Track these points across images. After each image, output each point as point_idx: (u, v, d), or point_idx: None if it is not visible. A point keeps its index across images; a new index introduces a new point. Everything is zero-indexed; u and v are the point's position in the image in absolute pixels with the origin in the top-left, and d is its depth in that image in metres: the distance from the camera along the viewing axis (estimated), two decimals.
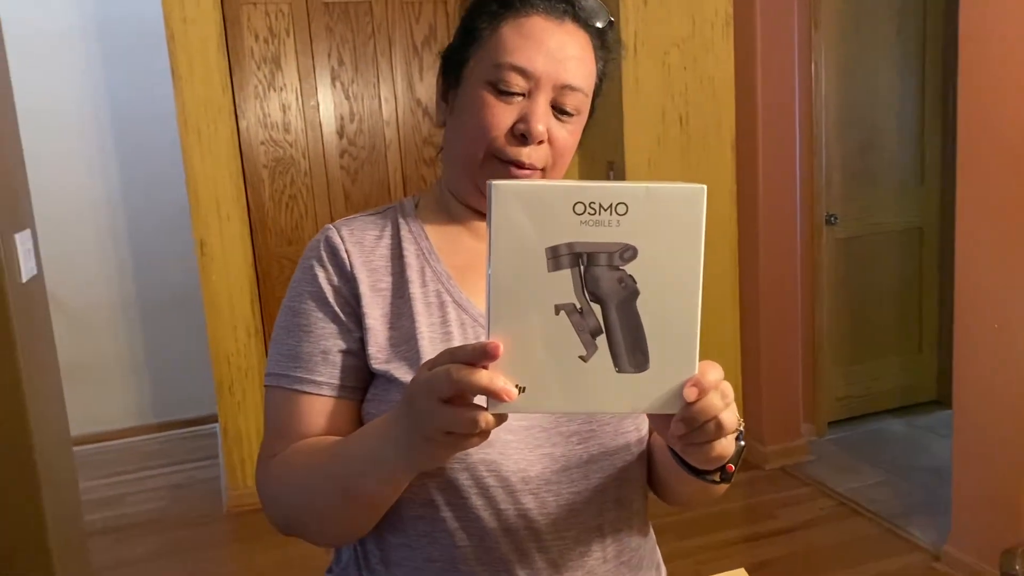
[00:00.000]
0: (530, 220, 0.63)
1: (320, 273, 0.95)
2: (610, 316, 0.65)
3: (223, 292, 3.30)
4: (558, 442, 0.91)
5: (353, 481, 0.81)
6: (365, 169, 3.44)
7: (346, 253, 0.95)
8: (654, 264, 0.64)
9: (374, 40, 3.37)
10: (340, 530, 0.88)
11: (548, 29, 0.89)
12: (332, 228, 0.98)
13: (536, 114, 0.89)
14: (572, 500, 0.92)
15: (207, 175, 3.22)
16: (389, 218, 1.01)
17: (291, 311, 0.95)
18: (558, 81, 0.89)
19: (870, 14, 3.61)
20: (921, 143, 3.81)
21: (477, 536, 0.89)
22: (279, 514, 0.91)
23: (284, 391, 0.93)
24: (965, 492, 2.61)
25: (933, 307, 3.95)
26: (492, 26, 0.90)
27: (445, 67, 0.97)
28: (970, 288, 2.51)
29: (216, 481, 3.73)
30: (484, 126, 0.89)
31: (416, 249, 0.97)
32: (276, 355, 0.95)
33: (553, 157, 0.92)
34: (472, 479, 0.88)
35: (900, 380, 3.94)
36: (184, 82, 3.16)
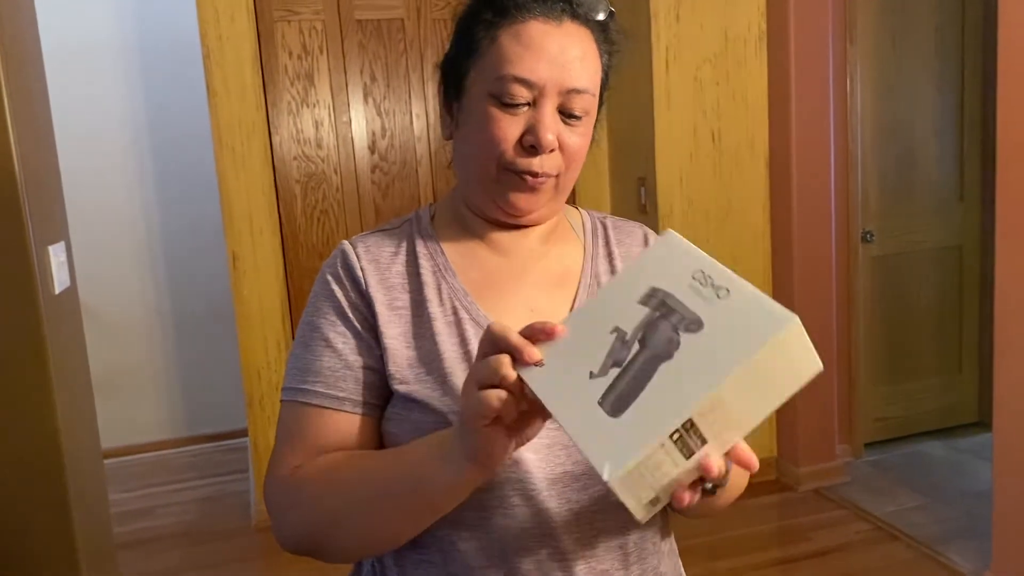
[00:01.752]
0: (658, 263, 0.72)
1: (337, 289, 0.94)
2: (636, 360, 0.67)
3: (255, 306, 3.32)
4: (579, 460, 0.89)
5: (401, 500, 0.81)
6: (396, 185, 3.45)
7: (361, 271, 0.94)
8: (704, 350, 0.65)
9: (406, 57, 3.39)
10: (366, 549, 0.88)
11: (548, 33, 0.87)
12: (348, 245, 0.97)
13: (543, 124, 0.86)
14: (594, 519, 0.90)
15: (240, 190, 3.25)
16: (404, 233, 0.99)
17: (310, 326, 0.94)
18: (563, 86, 0.87)
19: (907, 30, 3.56)
20: (960, 160, 3.75)
21: (499, 555, 0.88)
22: (292, 532, 0.88)
23: (302, 405, 0.91)
24: (1006, 516, 2.53)
25: (974, 327, 3.86)
26: (490, 35, 0.88)
27: (445, 78, 0.96)
28: (1010, 307, 2.45)
29: (245, 495, 3.74)
30: (492, 141, 0.87)
31: (432, 266, 0.96)
32: (294, 369, 0.94)
33: (566, 162, 0.90)
34: (497, 498, 0.87)
35: (940, 401, 3.85)
36: (219, 98, 3.19)
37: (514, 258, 0.97)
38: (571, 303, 0.97)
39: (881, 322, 3.70)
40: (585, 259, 1.01)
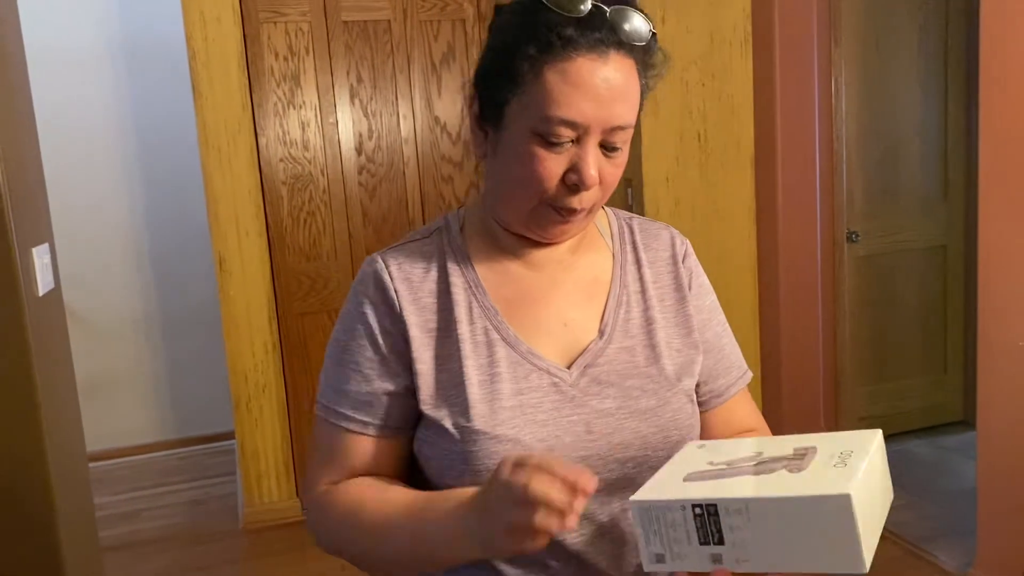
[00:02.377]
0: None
1: (369, 311, 0.94)
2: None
3: (241, 308, 3.32)
4: (614, 468, 0.91)
5: (425, 559, 0.86)
6: (383, 186, 3.45)
7: (395, 292, 0.94)
8: (778, 481, 0.71)
9: (393, 58, 3.39)
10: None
11: (594, 71, 0.84)
12: (380, 262, 0.97)
13: (587, 162, 0.86)
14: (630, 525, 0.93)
15: (227, 191, 3.25)
16: (435, 245, 0.99)
17: (341, 346, 0.96)
18: (607, 125, 0.86)
19: (891, 31, 3.58)
20: (944, 160, 3.77)
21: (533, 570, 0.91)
22: (332, 545, 0.95)
23: (331, 425, 0.95)
24: (990, 514, 2.55)
25: (959, 326, 3.89)
26: (534, 70, 0.85)
27: (482, 99, 0.92)
28: (993, 306, 2.47)
29: (232, 498, 3.73)
30: (536, 178, 0.87)
31: (463, 283, 0.96)
32: (326, 386, 0.97)
33: (603, 192, 0.91)
34: None
35: (925, 400, 3.87)
36: (205, 100, 3.19)
37: (544, 271, 0.97)
38: (600, 314, 0.98)
39: (866, 322, 3.72)
40: (615, 266, 1.01)
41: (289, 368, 3.41)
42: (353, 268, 3.44)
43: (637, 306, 0.99)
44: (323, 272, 3.41)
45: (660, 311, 1.00)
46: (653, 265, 1.03)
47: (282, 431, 3.42)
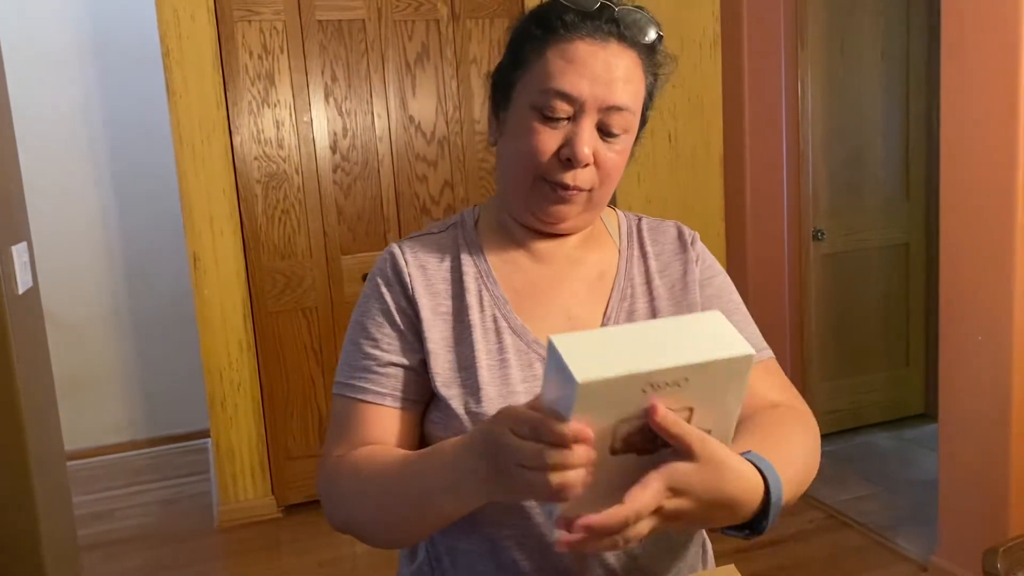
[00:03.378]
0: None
1: (386, 291, 0.99)
2: None
3: (216, 306, 3.32)
4: None
5: (429, 506, 0.84)
6: (358, 184, 3.47)
7: (409, 277, 0.98)
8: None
9: (367, 57, 3.41)
10: (405, 539, 0.93)
11: (593, 52, 0.89)
12: (397, 249, 1.01)
13: (580, 138, 0.89)
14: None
15: (201, 190, 3.25)
16: (450, 238, 1.04)
17: (360, 325, 0.99)
18: (603, 103, 0.89)
19: (855, 35, 3.67)
20: (906, 159, 3.87)
21: (538, 549, 0.94)
22: (339, 516, 0.94)
23: (349, 399, 0.97)
24: (951, 503, 2.64)
25: (920, 321, 4.00)
26: (537, 51, 0.92)
27: (495, 87, 0.99)
28: (954, 303, 2.55)
29: (207, 496, 3.73)
30: (531, 151, 0.91)
31: (475, 272, 1.00)
32: (344, 365, 0.99)
33: (600, 178, 0.93)
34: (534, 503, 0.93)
35: (887, 394, 3.97)
36: (179, 98, 3.18)
37: (553, 265, 1.01)
38: (604, 307, 1.01)
39: (832, 318, 3.81)
40: (620, 261, 1.05)
41: (264, 366, 3.42)
42: (328, 266, 3.45)
43: (643, 297, 1.03)
44: (298, 271, 3.42)
45: (668, 300, 1.03)
46: (660, 256, 1.06)
47: (257, 429, 3.43)
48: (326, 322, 3.49)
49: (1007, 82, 2.28)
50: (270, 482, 3.47)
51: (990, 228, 2.40)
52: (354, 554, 3.20)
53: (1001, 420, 2.42)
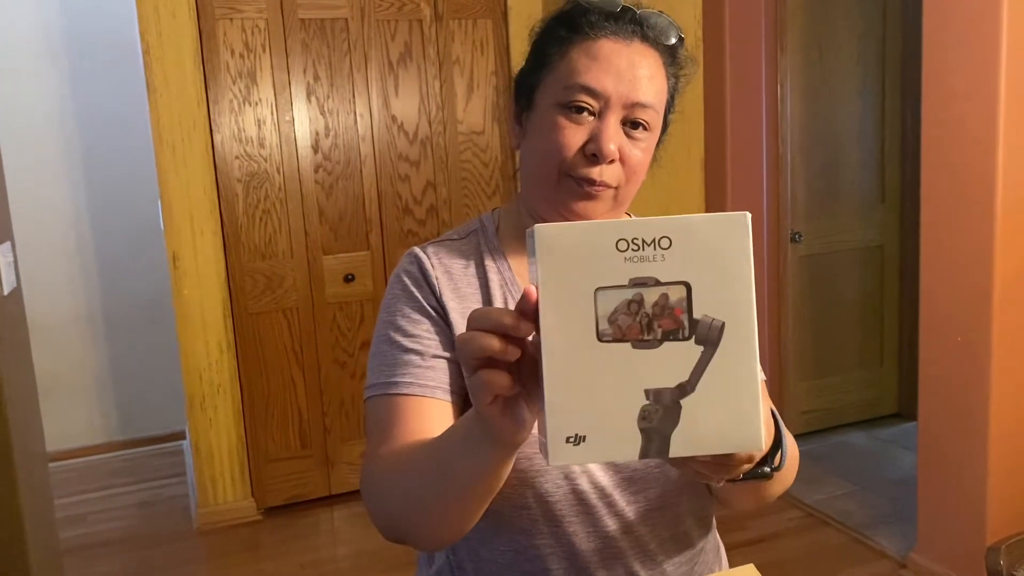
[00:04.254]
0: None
1: (416, 291, 0.97)
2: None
3: (195, 307, 3.28)
4: (637, 466, 0.96)
5: (450, 468, 0.78)
6: (340, 184, 3.45)
7: (436, 280, 0.97)
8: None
9: (350, 57, 3.39)
10: (442, 524, 0.83)
11: (617, 50, 0.90)
12: (421, 252, 1.00)
13: (606, 133, 0.89)
14: (648, 516, 0.96)
15: (181, 189, 3.21)
16: (472, 245, 1.02)
17: (391, 325, 0.96)
18: (628, 99, 0.90)
19: (832, 40, 3.72)
20: (882, 163, 3.94)
21: (566, 556, 0.94)
22: (383, 513, 0.88)
23: (392, 397, 0.92)
24: (930, 502, 2.69)
25: (894, 322, 4.06)
26: (561, 51, 0.92)
27: (518, 91, 0.99)
28: (933, 304, 2.60)
29: (184, 499, 3.68)
30: (556, 147, 0.90)
31: (500, 279, 0.99)
32: (381, 367, 0.95)
33: (626, 175, 0.92)
34: (562, 504, 0.93)
35: (863, 394, 4.04)
36: (159, 95, 3.15)
37: None
38: None
39: (809, 319, 3.86)
40: None
41: (244, 368, 3.39)
42: (309, 267, 3.43)
43: None
44: (279, 271, 3.40)
45: None
46: None
47: (236, 431, 3.39)
48: (307, 323, 3.46)
49: (987, 86, 2.33)
50: (250, 484, 3.44)
51: (969, 230, 2.45)
52: (335, 556, 3.18)
53: (979, 419, 2.47)
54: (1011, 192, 2.35)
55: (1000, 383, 2.43)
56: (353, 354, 3.55)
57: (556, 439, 0.60)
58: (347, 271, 3.48)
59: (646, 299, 0.60)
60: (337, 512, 3.48)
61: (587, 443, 0.60)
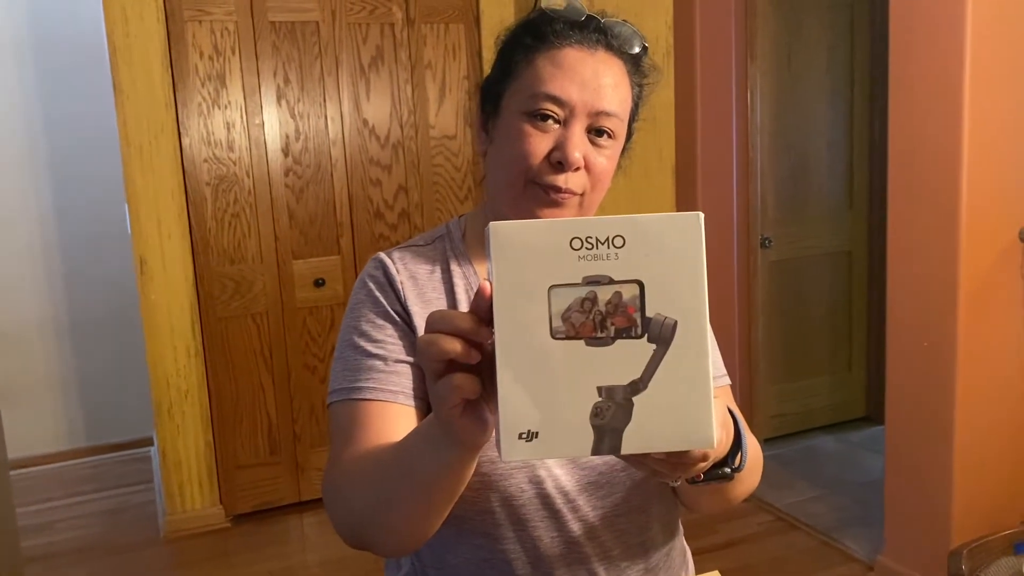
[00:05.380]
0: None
1: (380, 295, 0.97)
2: None
3: (163, 312, 3.24)
4: (603, 471, 0.96)
5: (414, 467, 0.77)
6: (310, 188, 3.42)
7: (400, 284, 0.97)
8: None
9: (321, 60, 3.37)
10: (406, 527, 0.82)
11: (582, 59, 0.91)
12: (386, 257, 1.00)
13: (571, 141, 0.90)
14: (615, 522, 0.97)
15: (148, 192, 3.17)
16: (438, 251, 1.03)
17: (355, 330, 0.96)
18: (593, 108, 0.90)
19: (802, 49, 3.76)
20: (849, 170, 3.98)
21: (532, 561, 0.94)
22: (346, 518, 0.86)
23: (356, 402, 0.92)
24: (897, 505, 2.72)
25: (862, 327, 4.11)
26: (527, 59, 0.93)
27: (484, 98, 1.00)
28: (900, 309, 2.63)
29: (151, 506, 3.63)
30: (522, 155, 0.91)
31: (465, 284, 0.99)
32: (344, 372, 0.95)
33: (591, 183, 0.93)
34: (529, 510, 0.93)
35: (831, 398, 4.07)
36: (126, 98, 3.11)
37: None
38: None
39: (779, 324, 3.89)
40: None
41: (212, 373, 3.35)
42: (279, 271, 3.40)
43: None
44: (248, 275, 3.36)
45: None
46: None
47: (205, 437, 3.35)
48: (277, 328, 3.43)
49: (952, 95, 2.36)
50: (218, 491, 3.40)
51: (934, 237, 2.48)
52: (305, 563, 3.15)
53: (945, 424, 2.50)
54: (975, 199, 2.39)
55: (965, 388, 2.46)
56: (323, 359, 3.52)
57: (509, 435, 0.60)
58: (317, 275, 3.46)
59: (599, 297, 0.61)
60: (307, 519, 3.45)
61: (540, 439, 0.61)
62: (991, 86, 2.35)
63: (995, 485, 2.55)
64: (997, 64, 2.36)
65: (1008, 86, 2.38)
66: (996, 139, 2.39)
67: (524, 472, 0.93)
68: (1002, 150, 2.40)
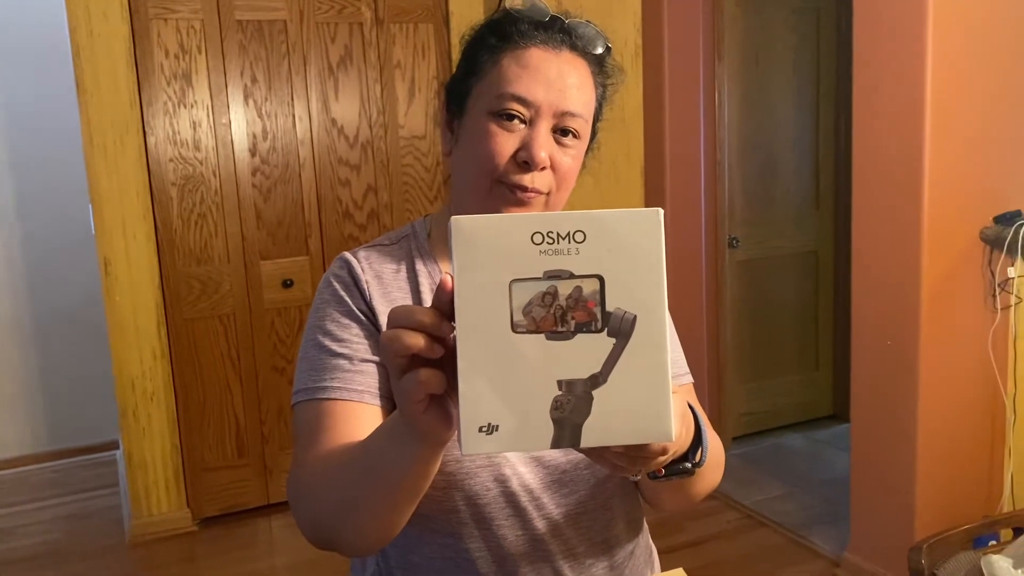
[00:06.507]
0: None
1: (345, 295, 0.97)
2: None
3: (128, 313, 3.20)
4: (566, 468, 0.97)
5: (380, 463, 0.77)
6: (278, 188, 3.40)
7: (366, 283, 0.97)
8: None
9: (288, 59, 3.35)
10: (372, 526, 0.82)
11: (547, 59, 0.92)
12: (351, 256, 1.00)
13: (537, 141, 0.90)
14: (580, 520, 0.98)
15: (113, 192, 3.13)
16: (404, 250, 1.02)
17: (319, 329, 0.96)
18: (558, 108, 0.91)
19: (769, 49, 3.80)
20: (816, 171, 4.02)
21: (498, 560, 0.95)
22: (311, 518, 0.86)
23: (320, 402, 0.91)
24: (862, 502, 2.75)
25: (828, 326, 4.15)
26: (493, 59, 0.93)
27: (448, 98, 1.00)
28: (864, 307, 2.67)
29: (116, 510, 3.58)
30: (489, 154, 0.91)
31: (431, 283, 0.99)
32: (308, 371, 0.94)
33: (557, 182, 0.94)
34: (494, 508, 0.94)
35: (799, 396, 4.12)
36: (90, 96, 3.06)
37: None
38: None
39: (746, 323, 3.93)
40: None
41: (179, 375, 3.31)
42: (247, 272, 3.37)
43: None
44: (215, 276, 3.33)
45: None
46: None
47: (171, 440, 3.31)
48: (244, 329, 3.40)
49: (914, 96, 2.40)
50: (185, 494, 3.36)
51: (898, 237, 2.51)
52: (273, 567, 3.13)
53: (908, 421, 2.54)
54: (937, 200, 2.42)
55: (928, 385, 2.50)
56: (292, 360, 3.49)
57: (469, 428, 0.61)
58: (285, 276, 3.43)
59: (560, 291, 0.61)
60: (275, 521, 3.43)
61: (500, 432, 0.61)
62: (953, 87, 2.39)
63: (957, 480, 2.59)
64: (959, 67, 2.39)
65: (969, 88, 2.42)
66: (957, 140, 2.43)
67: (489, 470, 0.93)
68: (963, 151, 2.44)
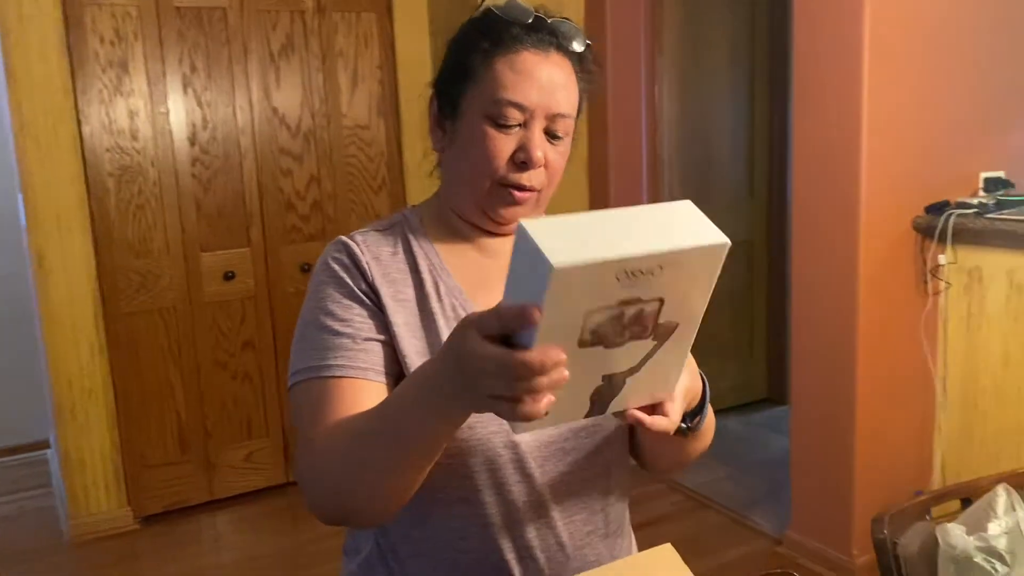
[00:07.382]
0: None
1: (345, 276, 0.98)
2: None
3: (63, 308, 3.11)
4: (567, 435, 1.01)
5: (405, 429, 0.80)
6: (219, 178, 3.33)
7: (367, 264, 0.99)
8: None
9: (228, 47, 3.28)
10: (388, 491, 0.85)
11: (538, 63, 0.96)
12: (349, 240, 1.01)
13: (534, 143, 0.96)
14: (571, 476, 1.01)
15: (46, 183, 3.03)
16: (398, 234, 1.05)
17: (321, 310, 0.97)
18: (550, 111, 0.96)
19: (707, 42, 3.88)
20: (751, 161, 4.13)
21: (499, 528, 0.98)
22: (325, 490, 0.88)
23: (323, 380, 0.93)
24: (803, 482, 2.85)
25: (763, 314, 4.28)
26: (486, 63, 0.97)
27: (440, 97, 1.03)
28: (803, 295, 2.76)
29: (52, 511, 3.48)
30: (488, 157, 0.96)
31: (428, 265, 1.02)
32: (309, 351, 0.95)
33: (548, 178, 1.00)
34: (496, 476, 0.96)
35: (735, 380, 4.23)
36: (20, 84, 2.96)
37: (500, 259, 1.05)
38: None
39: None
40: None
41: (118, 371, 3.23)
42: (187, 264, 3.30)
43: None
44: (154, 269, 3.26)
45: None
46: None
47: (111, 437, 3.23)
48: (185, 323, 3.33)
49: (851, 88, 2.49)
50: (125, 492, 3.29)
51: (837, 224, 2.60)
52: (219, 563, 3.09)
53: (846, 405, 2.64)
54: (873, 190, 2.52)
55: (865, 368, 2.60)
56: (235, 354, 3.44)
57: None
58: (227, 268, 3.38)
59: (626, 313, 0.67)
60: (220, 517, 3.38)
61: (547, 418, 0.69)
62: (889, 80, 2.49)
63: (892, 459, 2.70)
64: (895, 59, 2.49)
65: (904, 80, 2.52)
66: (893, 132, 2.53)
67: (500, 436, 0.96)
68: (898, 142, 2.54)
